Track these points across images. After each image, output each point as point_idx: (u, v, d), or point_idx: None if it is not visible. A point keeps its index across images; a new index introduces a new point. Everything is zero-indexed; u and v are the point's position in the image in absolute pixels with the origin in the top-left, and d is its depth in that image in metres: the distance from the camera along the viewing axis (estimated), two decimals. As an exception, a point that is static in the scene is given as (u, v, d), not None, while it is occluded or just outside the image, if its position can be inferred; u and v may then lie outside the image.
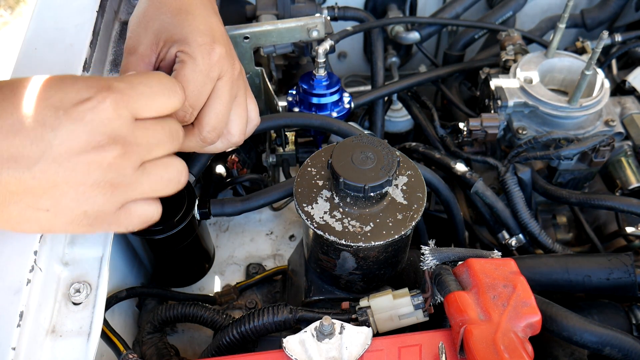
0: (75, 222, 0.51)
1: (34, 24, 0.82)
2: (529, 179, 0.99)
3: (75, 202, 0.50)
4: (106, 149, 0.49)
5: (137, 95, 0.52)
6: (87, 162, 0.49)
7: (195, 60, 0.64)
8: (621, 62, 1.36)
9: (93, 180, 0.50)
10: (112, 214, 0.53)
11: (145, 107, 0.53)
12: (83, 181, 0.49)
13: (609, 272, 0.76)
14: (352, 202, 0.66)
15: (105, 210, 0.52)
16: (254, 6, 1.16)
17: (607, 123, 1.02)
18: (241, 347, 0.73)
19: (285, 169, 1.11)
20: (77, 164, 0.49)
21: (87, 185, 0.50)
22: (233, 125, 0.72)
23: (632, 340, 0.63)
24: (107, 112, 0.50)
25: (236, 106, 0.71)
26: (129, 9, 0.93)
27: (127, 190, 0.52)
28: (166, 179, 0.56)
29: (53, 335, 0.62)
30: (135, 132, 0.52)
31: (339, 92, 1.04)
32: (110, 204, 0.52)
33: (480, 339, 0.55)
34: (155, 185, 0.55)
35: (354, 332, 0.60)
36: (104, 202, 0.51)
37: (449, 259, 0.66)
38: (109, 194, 0.51)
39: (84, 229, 0.53)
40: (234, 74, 0.69)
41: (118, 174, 0.51)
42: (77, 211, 0.51)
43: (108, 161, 0.50)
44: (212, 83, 0.66)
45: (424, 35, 1.36)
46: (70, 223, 0.51)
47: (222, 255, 1.05)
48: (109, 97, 0.50)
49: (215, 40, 0.66)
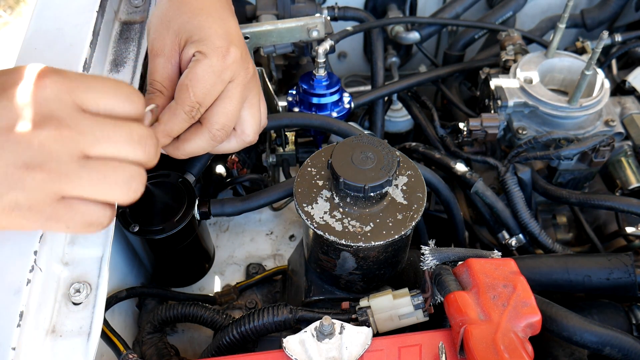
0: (7, 211, 0.49)
1: (34, 24, 0.82)
2: (529, 179, 0.99)
3: (5, 185, 0.48)
4: (38, 127, 0.47)
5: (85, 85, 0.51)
6: (17, 140, 0.47)
7: (210, 60, 0.66)
8: (621, 62, 1.36)
9: (22, 160, 0.47)
10: (47, 206, 0.50)
11: (92, 100, 0.51)
12: (12, 160, 0.47)
13: (609, 272, 0.76)
14: (352, 202, 0.66)
15: (38, 199, 0.49)
16: (254, 6, 1.16)
17: (607, 123, 1.02)
18: (241, 347, 0.73)
19: (285, 169, 1.11)
20: (7, 142, 0.47)
21: (17, 166, 0.47)
22: (247, 126, 0.73)
23: (632, 340, 0.63)
24: (46, 92, 0.49)
25: (250, 107, 0.72)
26: (128, 9, 0.93)
27: (62, 180, 0.49)
28: (112, 180, 0.52)
29: (53, 335, 0.62)
30: (78, 119, 0.50)
31: (339, 92, 1.04)
32: (43, 192, 0.49)
33: (480, 339, 0.55)
34: (98, 184, 0.51)
35: (354, 332, 0.60)
36: (34, 188, 0.48)
37: (449, 259, 0.66)
38: (40, 179, 0.48)
39: (17, 220, 0.50)
40: (247, 76, 0.70)
41: (51, 157, 0.48)
42: (7, 197, 0.48)
43: (39, 140, 0.47)
44: (223, 84, 0.67)
45: (424, 35, 1.36)
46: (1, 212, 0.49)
47: (222, 255, 1.05)
48: (50, 78, 0.49)
49: (231, 43, 0.68)
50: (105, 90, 0.52)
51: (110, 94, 0.53)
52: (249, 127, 0.73)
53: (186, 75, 0.66)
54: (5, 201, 0.48)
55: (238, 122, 0.72)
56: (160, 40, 0.71)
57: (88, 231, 0.54)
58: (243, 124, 0.73)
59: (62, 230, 0.53)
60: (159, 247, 0.80)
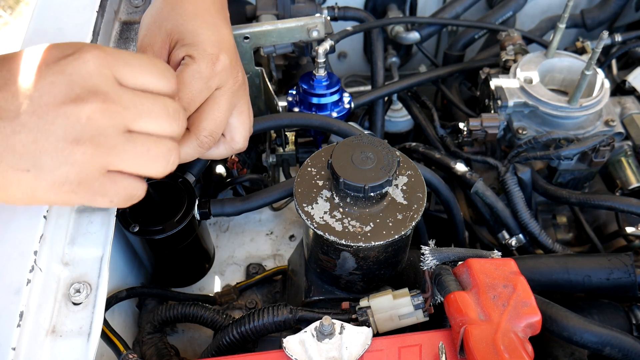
0: (57, 186, 0.50)
1: (34, 24, 0.82)
2: (529, 179, 0.99)
3: (56, 160, 0.49)
4: (85, 102, 0.49)
5: (123, 61, 0.52)
6: (66, 115, 0.48)
7: (198, 65, 0.65)
8: (621, 62, 1.36)
9: (73, 135, 0.48)
10: (95, 180, 0.51)
11: (130, 75, 0.52)
12: (63, 136, 0.48)
13: (609, 272, 0.76)
14: (352, 202, 0.66)
15: (87, 173, 0.50)
16: (254, 6, 1.16)
17: (607, 123, 1.02)
18: (241, 347, 0.73)
19: (285, 169, 1.11)
20: (57, 117, 0.48)
21: (67, 141, 0.48)
22: (237, 133, 0.73)
23: (632, 340, 0.63)
24: (88, 66, 0.49)
25: (239, 114, 0.72)
26: (129, 9, 0.93)
27: (110, 153, 0.51)
28: (154, 154, 0.54)
29: (53, 335, 0.62)
30: (120, 94, 0.51)
31: (339, 92, 1.04)
32: (92, 166, 0.50)
33: (480, 339, 0.55)
34: (141, 158, 0.53)
35: (354, 332, 0.60)
36: (85, 163, 0.50)
37: (449, 259, 0.66)
38: (90, 154, 0.49)
39: (67, 196, 0.51)
40: (236, 84, 0.70)
41: (99, 131, 0.49)
42: (58, 172, 0.49)
43: (87, 114, 0.49)
44: (210, 91, 0.67)
45: (424, 35, 1.36)
46: (52, 187, 0.50)
47: (222, 255, 1.05)
48: (91, 52, 0.50)
49: (222, 50, 0.68)
50: (142, 66, 0.54)
51: (147, 70, 0.54)
52: (238, 134, 0.73)
53: None
54: (56, 176, 0.50)
55: (227, 129, 0.72)
56: (149, 37, 0.71)
57: (127, 204, 0.56)
58: (232, 131, 0.73)
59: (105, 205, 0.55)
60: (159, 247, 0.80)
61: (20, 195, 0.51)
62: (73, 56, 0.50)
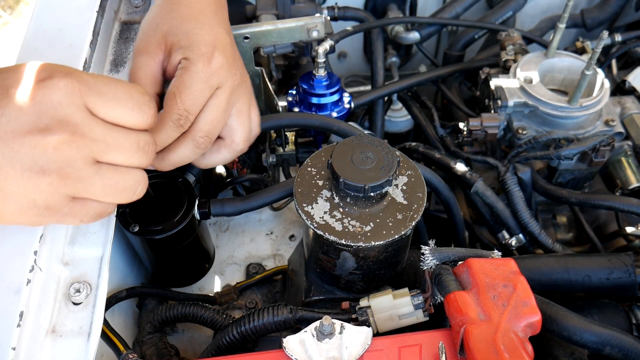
0: (25, 211, 0.50)
1: (34, 24, 0.82)
2: (529, 179, 0.99)
3: (22, 188, 0.48)
4: (53, 133, 0.48)
5: (97, 91, 0.51)
6: (33, 144, 0.47)
7: (195, 66, 0.65)
8: (621, 62, 1.36)
9: (39, 166, 0.48)
10: (64, 206, 0.51)
11: (102, 107, 0.51)
12: (29, 166, 0.48)
13: (609, 272, 0.76)
14: (352, 202, 0.66)
15: (55, 201, 0.50)
16: (254, 6, 1.16)
17: (607, 123, 1.02)
18: (241, 347, 0.73)
19: (285, 169, 1.11)
20: (23, 146, 0.47)
21: (33, 171, 0.48)
22: (236, 134, 0.73)
23: (632, 340, 0.63)
24: (59, 95, 0.48)
25: (239, 115, 0.72)
26: (129, 9, 0.93)
27: (77, 185, 0.50)
28: (121, 186, 0.54)
29: (53, 335, 0.62)
30: (90, 125, 0.50)
31: (339, 92, 1.04)
32: (59, 195, 0.50)
33: (480, 338, 0.55)
34: (108, 190, 0.53)
35: (354, 332, 0.60)
36: (51, 192, 0.49)
37: (449, 259, 0.66)
38: (56, 185, 0.49)
39: (35, 219, 0.51)
40: (234, 83, 0.70)
41: (65, 163, 0.49)
42: (25, 199, 0.49)
43: (54, 145, 0.48)
44: (211, 90, 0.66)
45: (424, 35, 1.36)
46: (19, 211, 0.50)
47: (222, 255, 1.05)
48: (63, 80, 0.49)
49: (216, 49, 0.68)
50: (116, 99, 0.52)
51: (121, 103, 0.53)
52: (238, 136, 0.73)
53: (173, 83, 0.66)
54: (23, 202, 0.49)
55: (227, 131, 0.72)
56: (144, 40, 0.71)
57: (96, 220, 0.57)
58: (232, 133, 0.72)
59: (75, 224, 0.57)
60: (159, 247, 0.80)
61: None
62: (45, 82, 0.48)
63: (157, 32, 0.70)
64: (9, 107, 0.47)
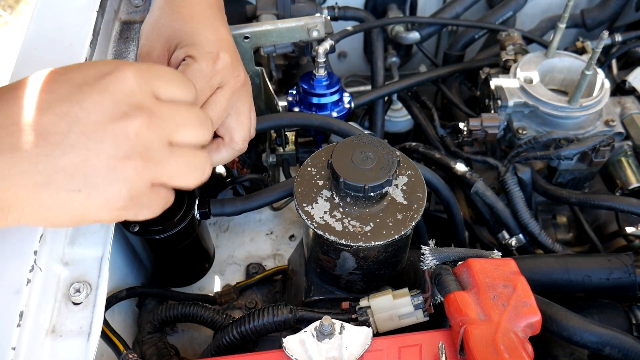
0: (110, 204, 0.50)
1: (34, 24, 0.82)
2: (529, 179, 0.99)
3: (108, 177, 0.49)
4: (132, 118, 0.49)
5: (157, 74, 0.54)
6: (115, 132, 0.49)
7: (199, 64, 0.66)
8: (621, 62, 1.36)
9: (123, 151, 0.49)
10: (144, 194, 0.52)
11: (163, 89, 0.54)
12: (113, 153, 0.49)
13: (609, 272, 0.76)
14: (352, 202, 0.66)
15: (138, 188, 0.51)
16: (254, 6, 1.16)
17: (607, 123, 1.02)
18: (241, 347, 0.73)
19: (285, 169, 1.11)
20: (106, 135, 0.48)
21: (118, 158, 0.49)
22: (235, 133, 0.73)
23: (632, 340, 0.63)
24: (130, 83, 0.50)
25: (238, 115, 0.72)
26: (129, 8, 0.93)
27: (157, 167, 0.52)
28: (193, 166, 0.55)
29: (53, 335, 0.62)
30: (160, 107, 0.52)
31: (339, 92, 1.04)
32: (142, 180, 0.51)
33: (480, 339, 0.55)
34: (183, 169, 0.54)
35: (354, 332, 0.60)
36: (135, 178, 0.50)
37: (449, 259, 0.66)
38: (140, 169, 0.50)
39: (117, 213, 0.52)
40: (236, 84, 0.70)
41: (146, 146, 0.50)
42: (111, 190, 0.50)
43: (135, 130, 0.49)
44: (212, 90, 0.67)
45: (424, 35, 1.36)
46: (104, 205, 0.50)
47: (222, 255, 1.05)
48: (129, 69, 0.51)
49: (221, 49, 0.68)
50: (170, 78, 0.55)
51: (175, 81, 0.55)
52: (237, 135, 0.73)
53: None
54: (109, 193, 0.50)
55: (226, 130, 0.72)
56: (149, 45, 0.71)
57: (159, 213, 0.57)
58: (231, 132, 0.73)
59: (148, 217, 0.56)
60: (159, 247, 0.80)
61: (67, 216, 0.51)
62: (113, 74, 0.50)
63: (161, 36, 0.71)
64: (86, 101, 0.49)
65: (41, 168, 0.47)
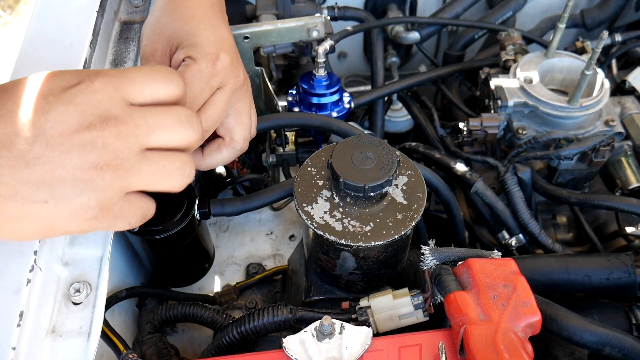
0: (79, 215, 0.50)
1: (34, 24, 0.82)
2: (529, 179, 0.99)
3: (75, 188, 0.49)
4: (99, 128, 0.49)
5: (128, 80, 0.52)
6: (81, 143, 0.48)
7: (199, 65, 0.65)
8: (621, 62, 1.36)
9: (90, 162, 0.48)
10: (115, 204, 0.52)
11: (137, 92, 0.52)
12: (80, 164, 0.48)
13: (609, 272, 0.76)
14: (352, 202, 0.66)
15: (107, 197, 0.50)
16: (254, 6, 1.16)
17: (607, 123, 1.02)
18: (241, 347, 0.73)
19: (285, 169, 1.11)
20: (72, 147, 0.48)
21: (85, 169, 0.48)
22: (236, 133, 0.73)
23: (632, 340, 0.63)
24: (97, 94, 0.50)
25: (238, 115, 0.72)
26: (129, 9, 0.93)
27: (127, 175, 0.51)
28: (169, 169, 0.54)
29: (53, 335, 0.62)
30: (131, 114, 0.51)
31: (339, 92, 1.04)
32: (112, 190, 0.50)
33: (480, 339, 0.55)
34: (158, 174, 0.53)
35: (354, 332, 0.60)
36: (104, 188, 0.50)
37: (449, 259, 0.66)
38: (109, 178, 0.49)
39: (87, 223, 0.51)
40: (236, 84, 0.70)
41: (115, 155, 0.49)
42: (79, 200, 0.49)
43: (102, 141, 0.49)
44: (211, 90, 0.67)
45: (424, 35, 1.36)
46: (72, 216, 0.50)
47: (222, 255, 1.05)
48: (97, 80, 0.50)
49: (221, 50, 0.68)
50: (146, 78, 0.54)
51: (151, 79, 0.54)
52: (237, 134, 0.73)
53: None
54: (77, 204, 0.49)
55: (226, 130, 0.72)
56: (151, 46, 0.71)
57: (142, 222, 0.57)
58: (232, 132, 0.72)
59: (124, 228, 0.55)
60: (158, 247, 0.80)
61: (35, 228, 0.50)
62: (79, 85, 0.50)
63: (162, 37, 0.70)
64: (51, 112, 0.48)
65: (5, 179, 0.47)
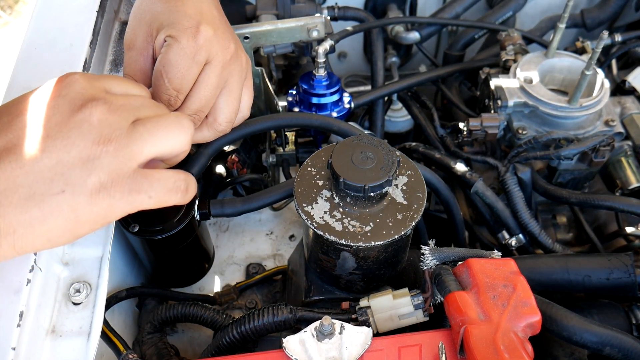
0: (95, 195, 0.50)
1: (34, 24, 0.82)
2: (529, 179, 0.99)
3: (85, 169, 0.50)
4: (89, 107, 0.51)
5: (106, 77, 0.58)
6: (78, 124, 0.50)
7: (180, 43, 0.63)
8: (621, 62, 1.35)
9: (91, 139, 0.50)
10: (127, 177, 0.52)
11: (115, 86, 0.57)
12: (82, 145, 0.50)
13: (609, 272, 0.76)
14: (352, 202, 0.66)
15: (116, 169, 0.51)
16: (254, 6, 1.16)
17: (607, 123, 1.02)
18: (241, 347, 0.73)
19: (285, 169, 1.11)
20: (70, 130, 0.50)
21: (88, 147, 0.50)
22: (220, 114, 0.70)
23: (632, 340, 0.63)
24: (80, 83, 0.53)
25: (227, 93, 0.69)
26: (129, 9, 0.93)
27: (131, 144, 0.52)
28: (165, 125, 0.56)
29: (53, 335, 0.62)
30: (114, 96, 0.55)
31: (339, 92, 1.04)
32: (118, 160, 0.51)
33: (480, 339, 0.55)
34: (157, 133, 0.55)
35: (354, 332, 0.60)
36: (111, 162, 0.51)
37: (449, 259, 0.66)
38: (112, 150, 0.51)
39: (106, 202, 0.51)
40: (226, 57, 0.67)
41: (111, 128, 0.52)
42: (91, 180, 0.50)
43: (97, 117, 0.51)
44: (199, 66, 0.65)
45: (424, 35, 1.36)
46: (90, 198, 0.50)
47: (222, 255, 1.05)
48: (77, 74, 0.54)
49: (202, 22, 0.65)
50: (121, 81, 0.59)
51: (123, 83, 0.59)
52: (221, 116, 0.70)
53: (159, 62, 0.65)
54: (90, 184, 0.50)
55: (212, 109, 0.69)
56: (131, 33, 0.69)
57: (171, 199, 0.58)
58: (216, 112, 0.69)
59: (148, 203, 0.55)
60: (158, 247, 0.80)
61: (61, 224, 0.50)
62: (63, 82, 0.53)
63: (142, 22, 0.68)
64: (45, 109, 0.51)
65: (20, 182, 0.48)
